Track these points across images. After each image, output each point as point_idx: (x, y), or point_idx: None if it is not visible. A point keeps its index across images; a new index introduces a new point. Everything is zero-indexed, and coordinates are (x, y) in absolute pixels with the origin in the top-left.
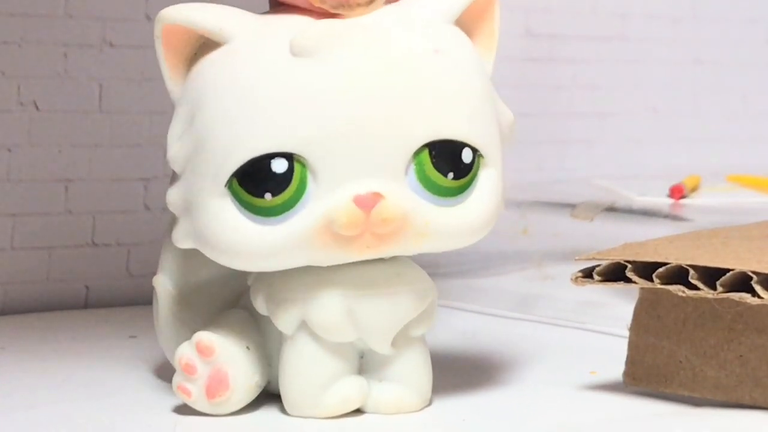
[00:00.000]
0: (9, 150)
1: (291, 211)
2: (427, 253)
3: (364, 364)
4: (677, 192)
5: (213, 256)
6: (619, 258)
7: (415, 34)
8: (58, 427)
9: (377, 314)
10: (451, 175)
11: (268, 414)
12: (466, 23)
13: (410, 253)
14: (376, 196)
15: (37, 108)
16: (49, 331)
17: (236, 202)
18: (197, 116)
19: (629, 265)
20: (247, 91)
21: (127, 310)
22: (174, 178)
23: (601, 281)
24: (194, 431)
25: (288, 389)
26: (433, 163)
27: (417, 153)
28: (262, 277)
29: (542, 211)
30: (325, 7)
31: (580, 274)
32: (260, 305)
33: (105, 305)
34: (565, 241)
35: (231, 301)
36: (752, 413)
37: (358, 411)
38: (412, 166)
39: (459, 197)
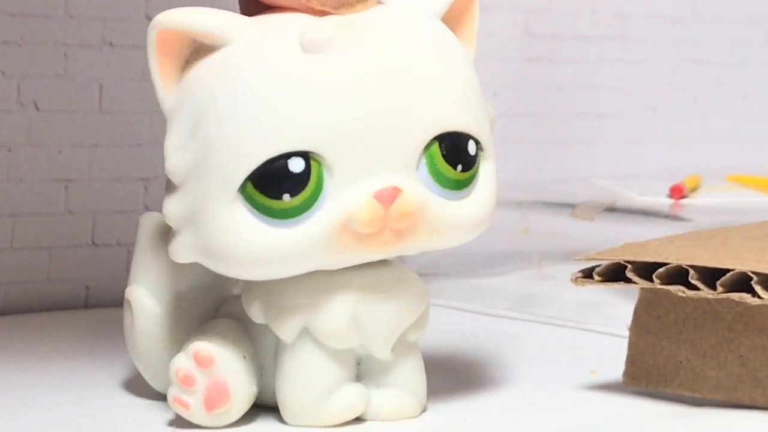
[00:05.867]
0: (9, 150)
1: (309, 211)
2: (427, 254)
3: (362, 370)
4: (677, 192)
5: (224, 267)
6: (619, 258)
7: (415, 29)
8: (58, 427)
9: (382, 319)
10: (459, 167)
11: (265, 424)
12: (449, 20)
13: (421, 251)
14: (395, 191)
15: (37, 108)
16: (49, 331)
17: (250, 207)
18: (203, 122)
19: (629, 266)
20: (258, 91)
21: None
22: (171, 189)
23: (601, 281)
24: None
25: (287, 398)
26: (443, 155)
27: (427, 147)
28: (258, 284)
29: (542, 211)
30: (326, 8)
31: (579, 275)
32: (256, 313)
33: (105, 305)
34: (565, 241)
35: (210, 311)
36: (752, 413)
37: (357, 419)
38: (423, 160)
39: (465, 190)
